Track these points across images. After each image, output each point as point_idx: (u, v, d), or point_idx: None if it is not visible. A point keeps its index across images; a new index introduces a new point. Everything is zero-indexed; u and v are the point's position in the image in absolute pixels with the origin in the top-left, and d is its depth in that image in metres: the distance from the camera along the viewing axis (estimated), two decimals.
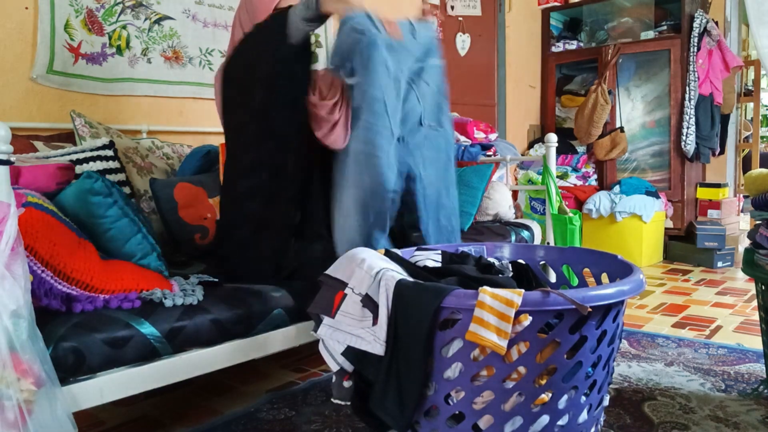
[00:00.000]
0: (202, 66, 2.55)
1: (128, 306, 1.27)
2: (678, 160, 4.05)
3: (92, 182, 1.33)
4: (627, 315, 2.64)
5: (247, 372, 2.04)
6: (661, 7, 4.24)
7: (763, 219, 1.68)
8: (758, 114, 4.65)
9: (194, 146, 2.29)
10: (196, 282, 1.48)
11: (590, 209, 3.97)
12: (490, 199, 2.56)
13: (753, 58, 4.89)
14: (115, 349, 1.19)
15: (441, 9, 3.77)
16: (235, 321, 1.40)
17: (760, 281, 1.68)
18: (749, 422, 1.56)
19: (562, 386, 1.06)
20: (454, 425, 1.07)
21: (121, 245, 1.38)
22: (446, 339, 1.05)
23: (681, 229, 4.08)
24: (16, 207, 1.05)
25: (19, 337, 0.98)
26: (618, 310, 1.12)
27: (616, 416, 1.61)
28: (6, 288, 0.98)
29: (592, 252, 1.45)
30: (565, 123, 4.56)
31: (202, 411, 1.74)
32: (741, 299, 2.95)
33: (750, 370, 1.93)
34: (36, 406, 0.99)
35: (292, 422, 1.63)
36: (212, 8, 2.57)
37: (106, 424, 1.68)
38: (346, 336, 1.13)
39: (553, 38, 4.62)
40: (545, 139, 2.59)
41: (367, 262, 1.15)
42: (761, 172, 1.71)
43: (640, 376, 1.90)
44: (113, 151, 1.93)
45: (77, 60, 2.17)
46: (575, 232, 2.43)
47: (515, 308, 0.98)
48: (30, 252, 1.15)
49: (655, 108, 4.14)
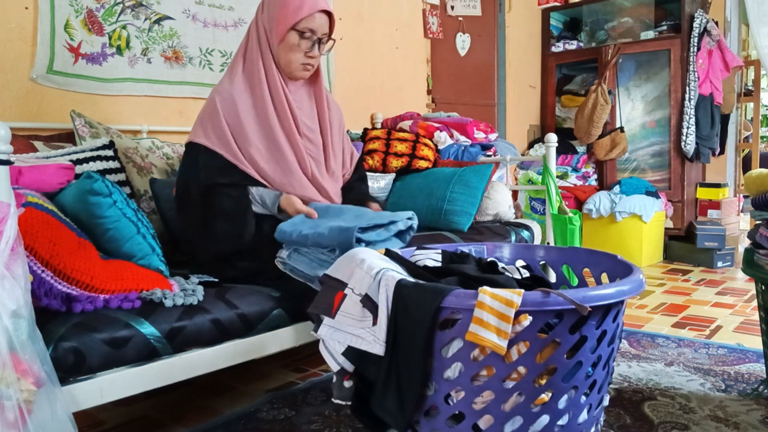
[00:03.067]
0: (202, 66, 2.55)
1: (128, 306, 1.27)
2: (678, 160, 4.05)
3: (92, 182, 1.33)
4: (627, 315, 2.64)
5: (247, 372, 2.04)
6: (661, 7, 4.24)
7: (763, 219, 1.68)
8: (758, 114, 4.65)
9: None
10: (196, 282, 1.48)
11: (590, 209, 3.97)
12: (490, 199, 2.56)
13: (753, 58, 4.89)
14: (115, 349, 1.19)
15: (441, 9, 3.77)
16: (235, 321, 1.40)
17: (760, 281, 1.68)
18: (749, 422, 1.56)
19: (562, 386, 1.06)
20: (454, 425, 1.07)
21: (121, 245, 1.38)
22: (446, 339, 1.05)
23: (681, 229, 4.08)
24: (16, 207, 1.05)
25: (19, 337, 0.98)
26: (618, 310, 1.12)
27: (616, 416, 1.61)
28: (6, 288, 0.98)
29: (592, 252, 1.45)
30: (565, 123, 4.56)
31: (202, 411, 1.74)
32: (741, 299, 2.95)
33: (750, 370, 1.93)
34: (36, 406, 0.99)
35: (292, 422, 1.63)
36: (212, 8, 2.57)
37: (106, 424, 1.68)
38: (347, 336, 1.13)
39: (553, 38, 4.62)
40: (545, 139, 2.59)
41: (367, 262, 1.15)
42: (761, 172, 1.71)
43: (640, 376, 1.90)
44: (113, 151, 1.93)
45: (77, 60, 2.17)
46: (575, 232, 2.43)
47: (515, 308, 0.98)
48: (30, 252, 1.15)
49: (655, 108, 4.14)
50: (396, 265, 1.24)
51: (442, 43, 3.79)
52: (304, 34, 1.69)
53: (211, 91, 1.74)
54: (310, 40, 1.70)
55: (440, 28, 3.75)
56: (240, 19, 2.66)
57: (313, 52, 1.72)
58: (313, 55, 1.72)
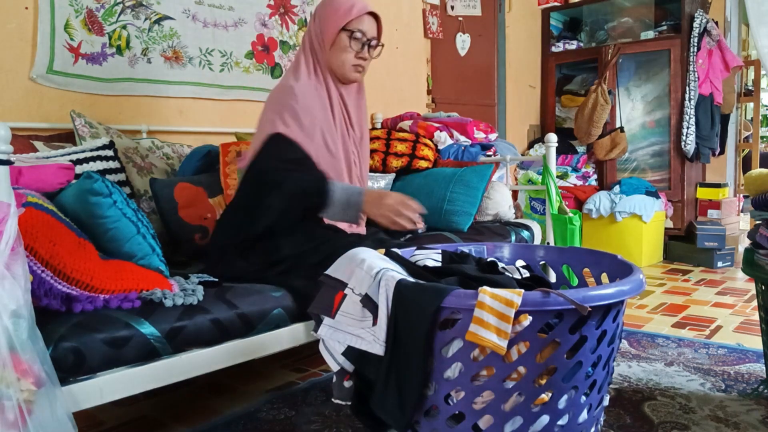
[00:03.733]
0: (202, 66, 2.54)
1: (128, 306, 1.27)
2: (678, 160, 4.05)
3: (92, 183, 1.33)
4: (627, 315, 2.64)
5: (247, 372, 2.04)
6: (661, 7, 4.25)
7: (763, 219, 1.68)
8: (758, 114, 4.66)
9: (194, 146, 2.29)
10: (196, 282, 1.48)
11: (590, 209, 3.97)
12: (490, 199, 2.56)
13: (753, 58, 4.89)
14: (115, 349, 1.19)
15: (441, 9, 3.77)
16: (235, 321, 1.40)
17: (760, 281, 1.68)
18: (749, 422, 1.56)
19: (562, 386, 1.06)
20: (454, 425, 1.07)
21: (121, 245, 1.38)
22: (446, 339, 1.05)
23: (681, 229, 4.08)
24: (16, 207, 1.05)
25: (19, 337, 0.98)
26: (618, 310, 1.12)
27: (616, 416, 1.61)
28: (6, 288, 0.98)
29: (592, 252, 1.45)
30: (565, 123, 4.56)
31: (202, 411, 1.74)
32: (741, 299, 2.95)
33: (750, 370, 1.93)
34: (36, 406, 0.99)
35: (292, 422, 1.63)
36: (212, 8, 2.56)
37: (106, 424, 1.68)
38: (346, 336, 1.13)
39: (553, 38, 4.62)
40: (545, 139, 2.59)
41: (367, 262, 1.15)
42: (761, 172, 1.71)
43: (640, 376, 1.90)
44: (113, 151, 1.93)
45: (77, 60, 2.17)
46: (575, 232, 2.43)
47: (515, 308, 0.98)
48: (30, 252, 1.15)
49: (655, 108, 4.14)
50: (396, 265, 1.24)
51: (442, 43, 3.79)
52: (354, 34, 1.72)
53: (274, 90, 1.73)
54: (360, 41, 1.74)
55: (440, 28, 3.75)
56: (240, 19, 2.66)
57: (363, 53, 1.75)
58: (364, 56, 1.76)
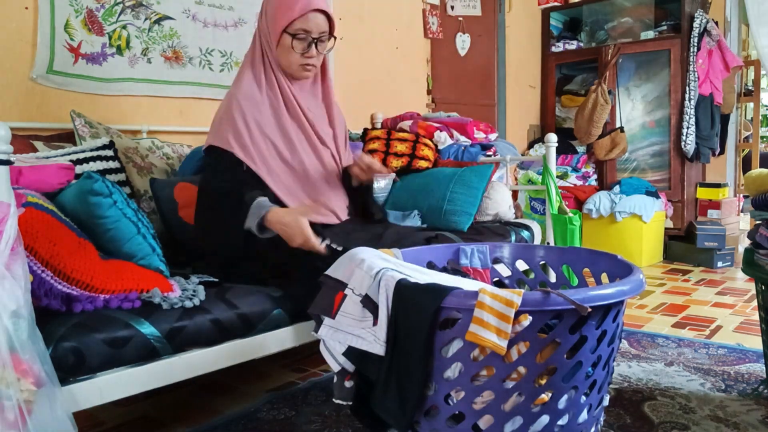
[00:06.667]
0: (202, 66, 2.54)
1: (128, 306, 1.27)
2: (678, 160, 4.05)
3: (92, 183, 1.33)
4: (627, 315, 2.64)
5: (247, 372, 2.04)
6: (661, 7, 4.24)
7: (763, 219, 1.68)
8: (758, 114, 4.66)
9: (194, 146, 2.29)
10: (196, 282, 1.48)
11: (590, 209, 3.97)
12: (490, 199, 2.56)
13: (753, 58, 4.89)
14: (115, 349, 1.19)
15: (441, 9, 3.77)
16: (235, 321, 1.40)
17: (760, 281, 1.68)
18: (749, 422, 1.56)
19: (562, 386, 1.06)
20: (454, 425, 1.07)
21: (121, 245, 1.38)
22: (446, 339, 1.05)
23: (681, 229, 4.08)
24: (16, 207, 1.05)
25: (19, 337, 0.98)
26: (618, 310, 1.12)
27: (616, 416, 1.61)
28: (6, 288, 0.98)
29: (592, 252, 1.45)
30: (565, 123, 4.56)
31: (202, 411, 1.74)
32: (741, 299, 2.95)
33: (750, 370, 1.93)
34: (36, 406, 0.99)
35: (292, 422, 1.63)
36: (212, 8, 2.56)
37: (106, 424, 1.68)
38: (347, 336, 1.13)
39: (553, 38, 4.62)
40: (545, 139, 2.59)
41: (367, 263, 1.15)
42: (761, 172, 1.71)
43: (640, 376, 1.90)
44: (113, 151, 1.93)
45: (77, 60, 2.17)
46: (575, 232, 2.43)
47: (515, 308, 0.98)
48: (30, 252, 1.15)
49: (655, 108, 4.14)
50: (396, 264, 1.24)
51: (442, 43, 3.79)
52: (297, 35, 1.68)
53: (225, 96, 1.75)
54: (305, 41, 1.69)
55: (440, 28, 3.75)
56: (240, 19, 2.66)
57: (310, 52, 1.71)
58: (311, 55, 1.72)
